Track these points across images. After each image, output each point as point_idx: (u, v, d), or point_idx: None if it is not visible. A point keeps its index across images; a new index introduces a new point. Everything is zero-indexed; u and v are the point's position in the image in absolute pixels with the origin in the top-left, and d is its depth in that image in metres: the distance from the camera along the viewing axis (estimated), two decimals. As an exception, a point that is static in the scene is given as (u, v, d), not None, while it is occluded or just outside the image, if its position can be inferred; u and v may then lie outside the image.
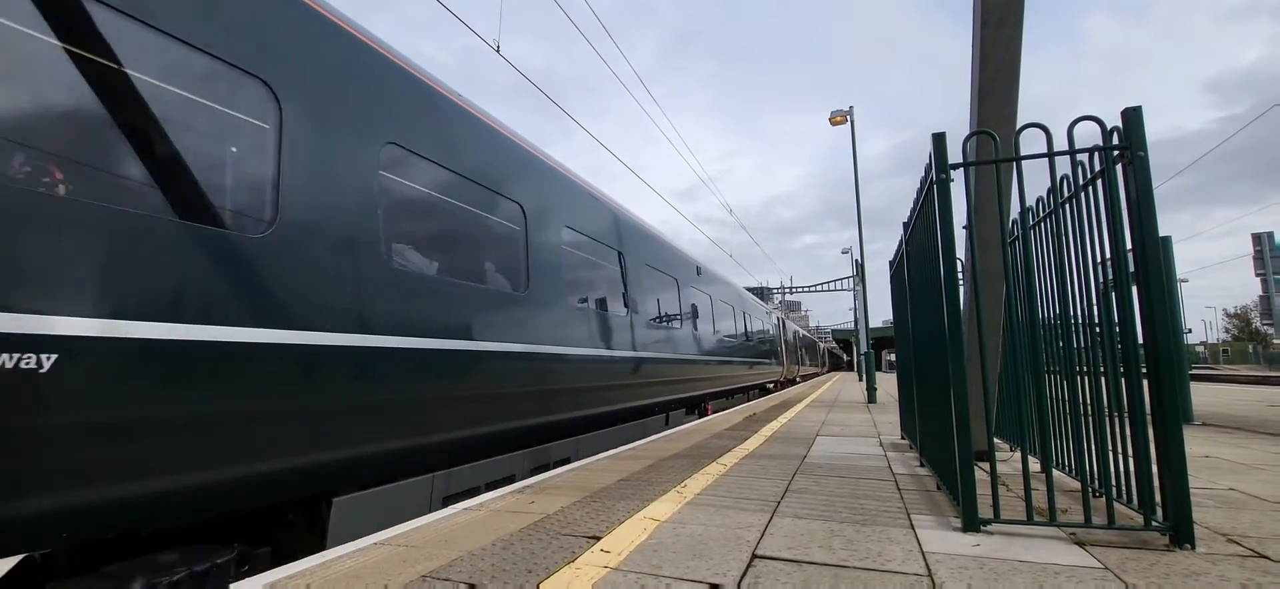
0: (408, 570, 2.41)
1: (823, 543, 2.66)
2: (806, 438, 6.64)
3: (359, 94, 3.94)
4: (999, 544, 2.59)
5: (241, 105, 3.17)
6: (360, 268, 3.72)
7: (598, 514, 3.26)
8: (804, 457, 5.25)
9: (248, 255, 3.06)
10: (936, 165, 2.98)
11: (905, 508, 3.30)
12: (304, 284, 3.35)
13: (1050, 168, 2.89)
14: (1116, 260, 2.68)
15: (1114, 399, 2.76)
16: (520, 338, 5.29)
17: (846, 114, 16.42)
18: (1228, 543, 2.57)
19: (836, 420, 8.75)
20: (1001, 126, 3.49)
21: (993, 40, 3.71)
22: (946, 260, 2.95)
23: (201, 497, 2.82)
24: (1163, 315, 2.57)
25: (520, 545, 2.72)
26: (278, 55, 3.37)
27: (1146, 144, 2.59)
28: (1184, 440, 2.51)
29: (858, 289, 21.36)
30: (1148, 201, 2.58)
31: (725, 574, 2.28)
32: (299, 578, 2.35)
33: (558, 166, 6.69)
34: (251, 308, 3.03)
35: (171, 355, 2.66)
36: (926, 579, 2.20)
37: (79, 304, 2.35)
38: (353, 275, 3.66)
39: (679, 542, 2.73)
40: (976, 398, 3.38)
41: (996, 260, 3.89)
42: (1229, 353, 60.84)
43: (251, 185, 3.20)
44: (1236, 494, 3.50)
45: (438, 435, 4.30)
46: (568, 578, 2.28)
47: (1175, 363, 3.27)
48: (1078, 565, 2.31)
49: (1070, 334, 3.14)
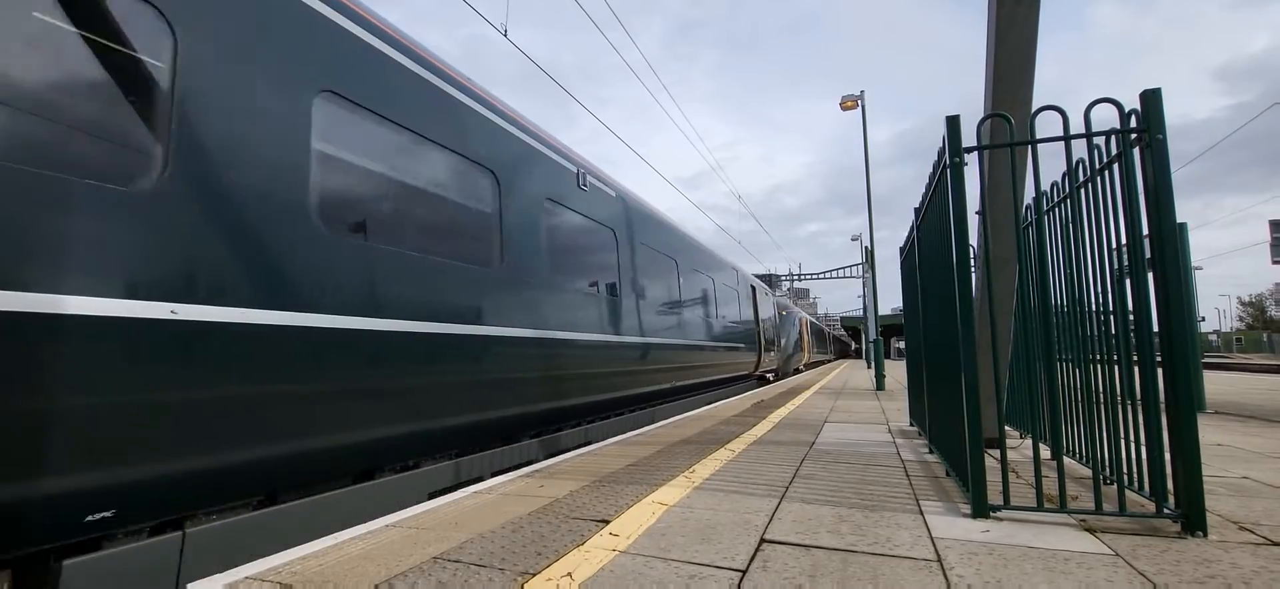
0: (419, 552, 2.43)
1: (831, 528, 2.66)
2: (814, 424, 6.64)
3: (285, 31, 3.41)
4: (1009, 530, 2.58)
5: (132, 37, 2.75)
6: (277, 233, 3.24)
7: (606, 498, 3.28)
8: (812, 443, 5.25)
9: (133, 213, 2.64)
10: (950, 149, 2.94)
11: (914, 494, 3.29)
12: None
13: (1066, 151, 2.85)
14: (1133, 246, 2.65)
15: (1126, 386, 2.74)
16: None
17: (857, 99, 16.26)
18: (1240, 531, 2.55)
19: (844, 407, 8.74)
20: (1016, 109, 3.45)
21: (1008, 21, 3.65)
22: (959, 246, 2.92)
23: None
24: (1179, 302, 2.54)
25: (530, 528, 2.74)
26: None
27: (1166, 127, 2.55)
28: (1198, 427, 2.49)
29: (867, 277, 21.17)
30: (1166, 186, 2.54)
31: (734, 558, 2.29)
32: (312, 559, 2.38)
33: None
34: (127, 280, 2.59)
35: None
36: (936, 564, 2.19)
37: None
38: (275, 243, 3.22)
39: (687, 526, 2.74)
40: (987, 384, 3.36)
41: (1009, 245, 3.85)
42: (1243, 341, 60.19)
43: (132, 133, 2.74)
44: (1250, 482, 3.47)
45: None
46: (577, 560, 2.30)
47: (1190, 350, 3.23)
48: (1088, 552, 2.30)
49: (1083, 320, 3.11)
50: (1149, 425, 2.58)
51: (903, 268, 5.85)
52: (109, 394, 2.52)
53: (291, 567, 2.30)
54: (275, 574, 2.22)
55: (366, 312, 3.73)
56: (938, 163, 3.29)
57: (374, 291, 3.81)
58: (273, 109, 3.31)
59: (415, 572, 2.21)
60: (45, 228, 2.36)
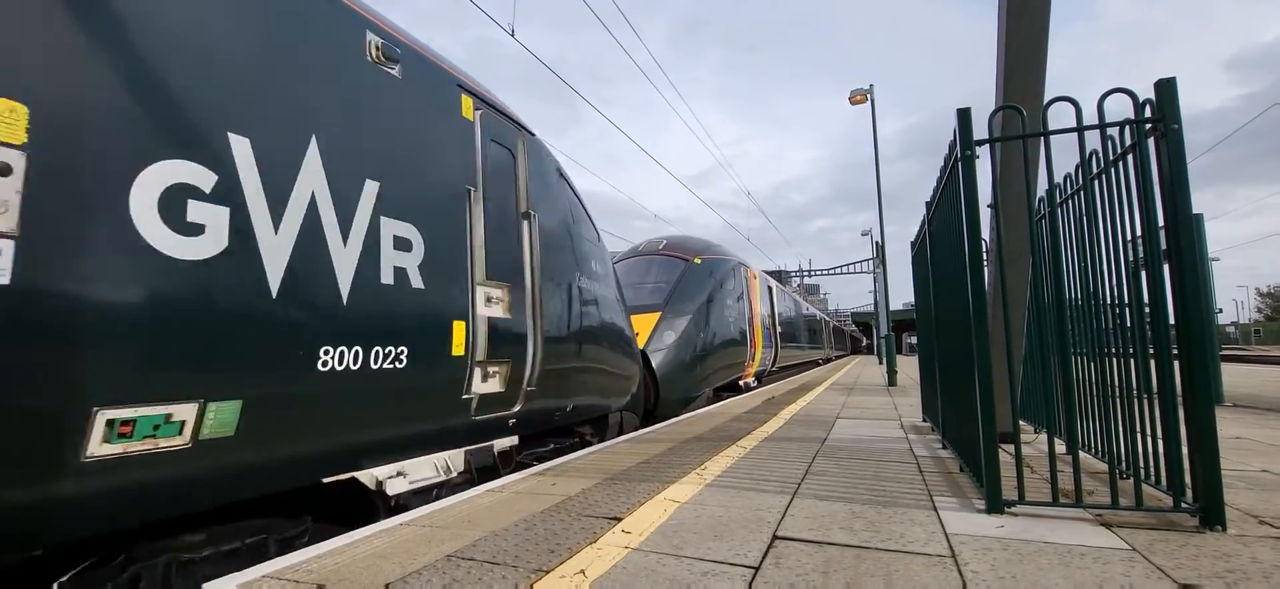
0: (433, 550, 2.45)
1: (844, 524, 2.66)
2: (826, 420, 6.62)
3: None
4: (1023, 526, 2.56)
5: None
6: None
7: (618, 496, 3.29)
8: (824, 439, 5.23)
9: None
10: (961, 142, 2.92)
11: (928, 489, 3.28)
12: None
13: (1079, 142, 2.82)
14: (1148, 237, 2.62)
15: (1142, 380, 2.71)
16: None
17: (866, 93, 16.18)
18: (1260, 525, 2.52)
19: (856, 403, 8.70)
20: (1028, 101, 3.41)
21: (1020, 12, 3.62)
22: (971, 239, 2.90)
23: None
24: (1195, 294, 2.50)
25: (542, 526, 2.75)
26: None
27: (1181, 117, 2.51)
28: (1216, 420, 2.46)
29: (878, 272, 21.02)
30: (1181, 176, 2.50)
31: (747, 555, 2.29)
32: (328, 558, 2.41)
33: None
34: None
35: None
36: (950, 560, 2.18)
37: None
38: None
39: (700, 523, 2.74)
40: (1001, 379, 3.34)
41: (1022, 238, 3.82)
42: (1261, 333, 59.28)
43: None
44: (1269, 476, 3.42)
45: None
46: (589, 558, 2.30)
47: (1207, 342, 3.19)
48: (1104, 547, 2.28)
49: (1098, 313, 3.08)
50: (1166, 419, 2.55)
51: (914, 262, 5.81)
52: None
53: (307, 565, 2.32)
54: (292, 572, 2.24)
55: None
56: (949, 156, 3.26)
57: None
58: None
59: (429, 570, 2.23)
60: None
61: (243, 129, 2.64)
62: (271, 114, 2.79)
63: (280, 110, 2.84)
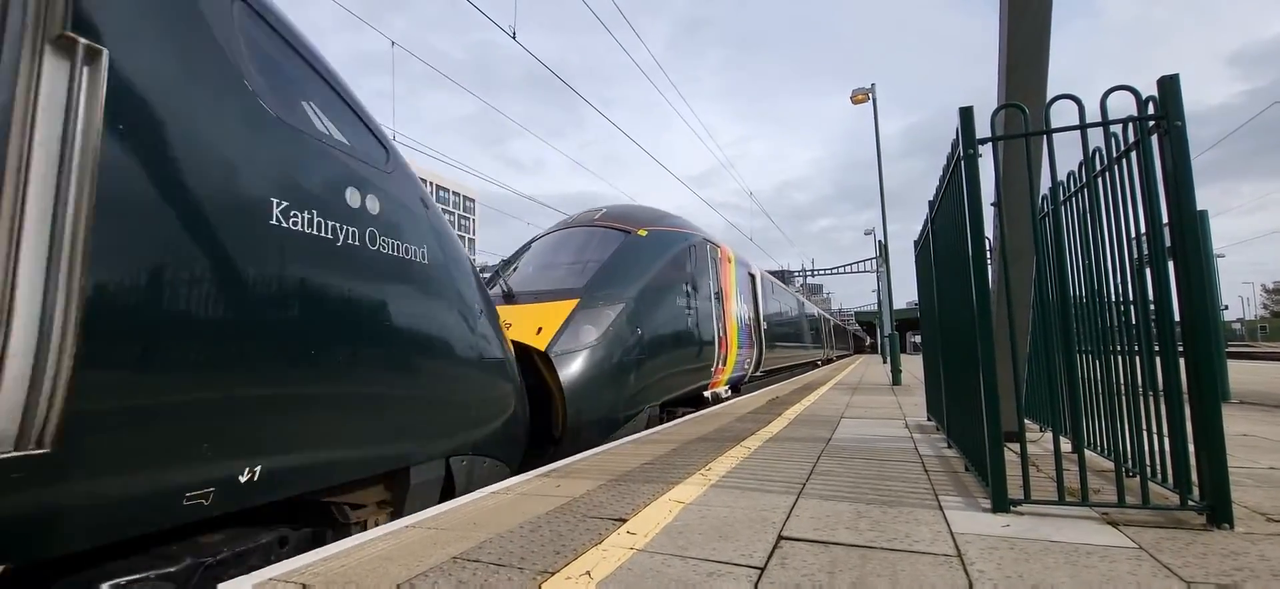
0: (439, 552, 2.46)
1: (849, 524, 2.66)
2: (831, 420, 6.61)
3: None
4: (1029, 525, 2.56)
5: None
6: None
7: (623, 497, 3.29)
8: (829, 439, 5.23)
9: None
10: (964, 141, 2.91)
11: (933, 489, 3.27)
12: None
13: (1082, 140, 2.81)
14: (1153, 234, 2.61)
15: (1148, 377, 2.70)
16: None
17: (868, 92, 16.15)
18: (1268, 522, 2.51)
19: (861, 403, 8.69)
20: (1031, 99, 3.41)
21: (1021, 10, 3.61)
22: (974, 238, 2.90)
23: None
24: (1201, 290, 2.50)
25: (547, 527, 2.75)
26: None
27: (1184, 114, 2.51)
28: (1222, 417, 2.45)
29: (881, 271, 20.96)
30: (1185, 173, 2.50)
31: (752, 555, 2.29)
32: (334, 560, 2.42)
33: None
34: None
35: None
36: (956, 560, 2.18)
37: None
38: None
39: (705, 523, 2.74)
40: (1005, 377, 3.33)
41: (1025, 237, 3.81)
42: (1267, 329, 58.96)
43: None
44: (1278, 473, 3.40)
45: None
46: (595, 559, 2.31)
47: (1213, 339, 3.18)
48: (1111, 545, 2.27)
49: (1103, 311, 3.07)
50: (1172, 416, 2.54)
51: (917, 261, 5.80)
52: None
53: (314, 568, 2.33)
54: (298, 576, 2.25)
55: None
56: (951, 154, 3.26)
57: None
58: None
59: (435, 572, 2.24)
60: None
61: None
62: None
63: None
